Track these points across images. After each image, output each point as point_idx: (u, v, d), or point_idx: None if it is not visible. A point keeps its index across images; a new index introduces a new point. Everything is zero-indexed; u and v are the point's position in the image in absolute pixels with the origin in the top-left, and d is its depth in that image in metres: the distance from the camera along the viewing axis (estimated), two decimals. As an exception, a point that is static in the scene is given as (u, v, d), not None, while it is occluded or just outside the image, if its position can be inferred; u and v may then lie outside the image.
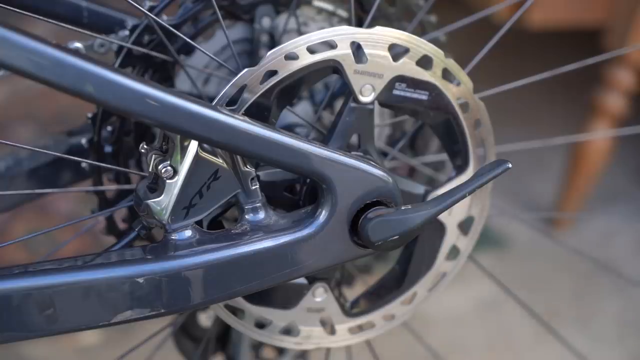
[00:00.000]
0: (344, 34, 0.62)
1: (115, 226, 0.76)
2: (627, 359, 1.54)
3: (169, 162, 0.60)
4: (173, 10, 0.71)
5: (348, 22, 0.77)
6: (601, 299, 1.64)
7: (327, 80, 0.77)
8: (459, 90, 0.67)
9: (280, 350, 0.90)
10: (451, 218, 0.70)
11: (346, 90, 0.64)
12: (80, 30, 0.71)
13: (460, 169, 0.70)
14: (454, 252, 0.72)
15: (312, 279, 0.70)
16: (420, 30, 0.77)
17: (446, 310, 1.58)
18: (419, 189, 0.70)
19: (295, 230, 0.63)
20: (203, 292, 0.61)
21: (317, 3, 0.77)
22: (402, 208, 0.62)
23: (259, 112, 0.62)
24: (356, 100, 0.64)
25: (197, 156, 0.60)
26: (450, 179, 0.70)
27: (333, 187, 0.62)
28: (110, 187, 0.75)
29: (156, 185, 0.61)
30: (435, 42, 0.68)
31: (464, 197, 0.62)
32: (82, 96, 0.54)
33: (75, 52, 0.54)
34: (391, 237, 0.61)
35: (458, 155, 0.69)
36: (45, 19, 0.68)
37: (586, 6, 1.84)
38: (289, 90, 0.64)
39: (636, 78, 1.76)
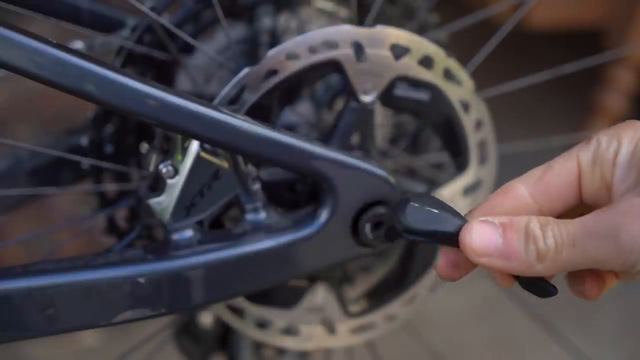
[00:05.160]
0: (345, 34, 0.62)
1: (116, 226, 0.76)
2: (627, 359, 1.54)
3: (170, 162, 0.60)
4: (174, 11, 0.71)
5: (349, 21, 0.77)
6: (601, 299, 1.64)
7: (328, 80, 0.77)
8: (460, 90, 0.67)
9: (281, 350, 0.90)
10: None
11: (347, 90, 0.64)
12: (81, 29, 0.71)
13: (461, 168, 0.70)
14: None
15: (313, 279, 0.70)
16: (422, 30, 0.77)
17: (446, 310, 1.58)
18: (420, 188, 0.70)
19: (296, 230, 0.63)
20: (204, 292, 0.61)
21: (317, 2, 0.77)
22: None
23: (260, 111, 0.62)
24: (357, 99, 0.64)
25: (198, 156, 0.60)
26: (451, 179, 0.70)
27: (334, 186, 0.62)
28: (111, 187, 0.75)
29: (157, 185, 0.61)
30: (436, 41, 0.68)
31: None
32: (82, 95, 0.54)
33: (76, 52, 0.54)
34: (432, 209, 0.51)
35: (459, 155, 0.69)
36: (46, 17, 0.68)
37: (586, 6, 1.84)
38: (290, 89, 0.64)
39: (636, 78, 1.76)
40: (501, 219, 0.48)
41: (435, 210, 0.50)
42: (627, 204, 0.45)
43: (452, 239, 0.49)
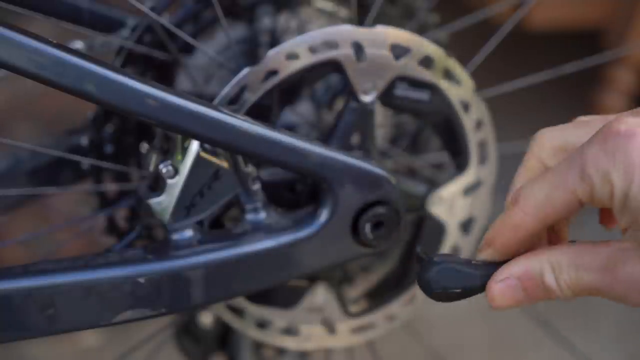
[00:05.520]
0: (345, 34, 0.62)
1: (116, 226, 0.76)
2: (627, 359, 1.54)
3: (170, 161, 0.60)
4: (174, 11, 0.71)
5: (349, 21, 0.76)
6: (601, 299, 1.64)
7: (328, 80, 0.77)
8: (460, 90, 0.67)
9: (281, 350, 0.90)
10: (452, 218, 0.70)
11: (347, 90, 0.64)
12: (80, 29, 0.71)
13: (461, 168, 0.70)
14: (455, 252, 0.72)
15: (313, 279, 0.70)
16: (422, 30, 0.77)
17: (446, 310, 1.58)
18: (420, 188, 0.70)
19: (296, 230, 0.63)
20: (204, 292, 0.61)
21: (317, 2, 0.77)
22: (473, 262, 0.53)
23: (260, 111, 0.62)
24: (357, 99, 0.64)
25: (198, 156, 0.60)
26: (451, 179, 0.70)
27: (334, 186, 0.62)
28: (111, 187, 0.75)
29: (157, 185, 0.61)
30: (436, 41, 0.68)
31: None
32: (82, 95, 0.55)
33: (76, 52, 0.54)
34: (454, 289, 0.53)
35: (459, 154, 0.69)
36: (46, 17, 0.68)
37: (586, 6, 1.84)
38: (290, 89, 0.64)
39: (636, 78, 1.76)
40: (517, 271, 0.50)
41: (458, 290, 0.52)
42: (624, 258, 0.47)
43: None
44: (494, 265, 0.51)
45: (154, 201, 0.60)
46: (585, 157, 0.46)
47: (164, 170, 0.60)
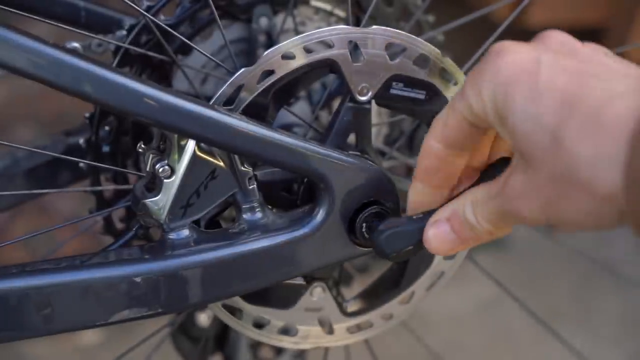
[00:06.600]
0: (341, 34, 0.62)
1: (113, 226, 0.76)
2: (626, 359, 1.54)
3: (166, 161, 0.60)
4: (170, 10, 0.71)
5: (345, 21, 0.77)
6: (601, 299, 1.64)
7: (324, 80, 0.77)
8: (456, 89, 0.67)
9: (279, 350, 0.90)
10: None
11: (343, 90, 0.64)
12: (77, 30, 0.71)
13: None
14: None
15: (310, 279, 0.70)
16: (418, 30, 0.77)
17: (446, 310, 1.58)
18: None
19: (292, 229, 0.63)
20: (201, 291, 0.61)
21: (314, 3, 0.77)
22: (414, 217, 0.58)
23: (256, 111, 0.62)
24: (353, 99, 0.64)
25: (194, 155, 0.60)
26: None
27: (330, 186, 0.62)
28: (108, 187, 0.75)
29: (154, 184, 0.61)
30: (432, 41, 0.68)
31: None
32: (80, 96, 0.55)
33: (73, 52, 0.55)
34: (406, 248, 0.58)
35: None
36: (43, 19, 0.68)
37: (586, 6, 1.84)
38: (286, 89, 0.64)
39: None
40: (446, 212, 0.54)
41: (409, 247, 0.57)
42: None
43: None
44: (432, 214, 0.55)
45: (151, 201, 0.60)
46: (466, 80, 0.50)
47: (160, 170, 0.60)
